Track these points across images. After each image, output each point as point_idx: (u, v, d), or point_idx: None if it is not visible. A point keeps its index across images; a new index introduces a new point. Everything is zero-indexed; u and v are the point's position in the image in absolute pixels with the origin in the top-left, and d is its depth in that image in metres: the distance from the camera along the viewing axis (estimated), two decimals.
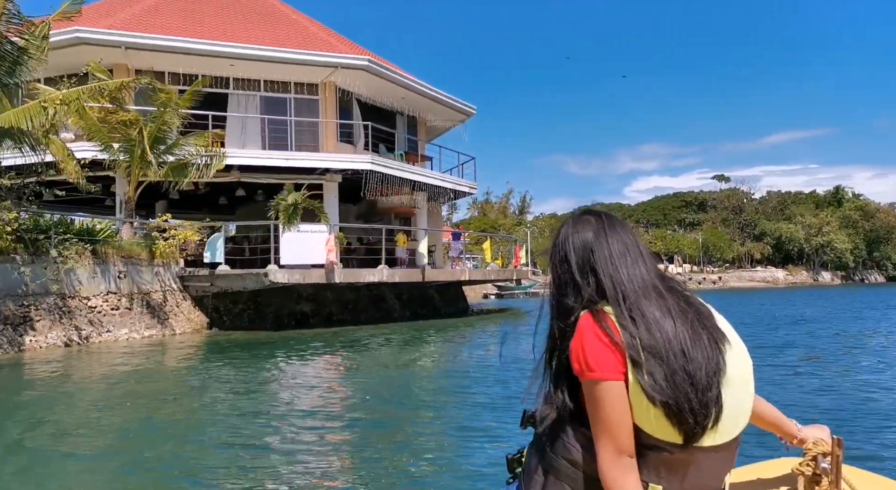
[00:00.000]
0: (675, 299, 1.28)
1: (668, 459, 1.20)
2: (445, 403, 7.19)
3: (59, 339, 12.27)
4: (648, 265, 1.32)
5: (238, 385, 8.33)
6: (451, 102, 25.33)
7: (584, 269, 1.32)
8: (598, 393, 1.19)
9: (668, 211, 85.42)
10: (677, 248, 73.27)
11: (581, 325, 1.25)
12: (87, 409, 6.85)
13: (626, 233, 1.36)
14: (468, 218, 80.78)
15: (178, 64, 19.56)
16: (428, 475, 4.39)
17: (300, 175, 19.97)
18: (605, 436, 1.19)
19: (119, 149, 15.32)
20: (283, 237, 16.11)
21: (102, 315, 13.47)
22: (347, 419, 6.25)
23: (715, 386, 1.20)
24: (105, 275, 13.78)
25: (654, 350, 1.19)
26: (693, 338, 1.22)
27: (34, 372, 9.69)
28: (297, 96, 21.75)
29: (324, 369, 10.29)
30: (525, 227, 69.42)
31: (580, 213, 1.43)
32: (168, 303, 15.28)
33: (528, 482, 1.35)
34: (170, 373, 9.77)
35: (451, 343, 14.19)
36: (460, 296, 25.61)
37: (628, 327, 1.22)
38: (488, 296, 46.67)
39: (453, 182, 25.31)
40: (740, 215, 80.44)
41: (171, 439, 5.52)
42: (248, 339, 14.21)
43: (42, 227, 12.62)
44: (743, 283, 69.98)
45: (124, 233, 15.33)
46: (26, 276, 11.98)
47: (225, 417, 6.30)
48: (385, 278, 17.92)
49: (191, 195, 23.47)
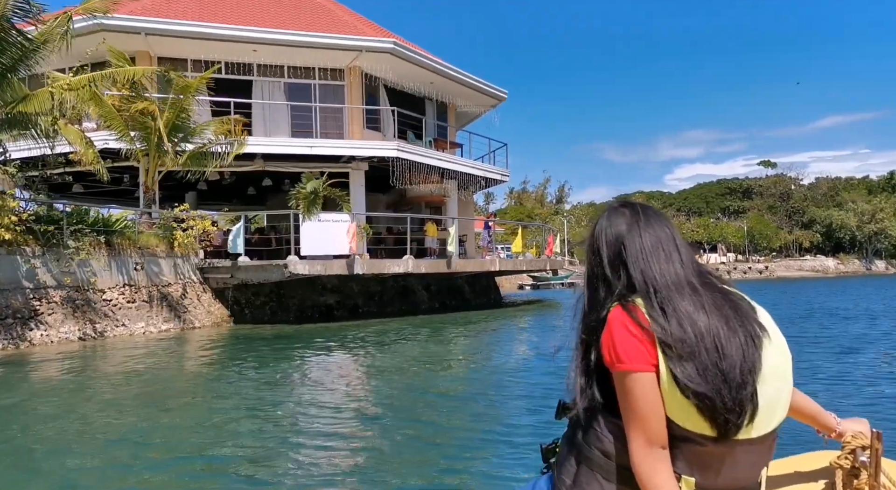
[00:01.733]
0: (711, 294, 1.26)
1: (702, 452, 1.19)
2: (475, 396, 6.81)
3: (73, 333, 11.90)
4: (685, 260, 1.31)
5: (257, 382, 7.86)
6: (481, 87, 24.41)
7: (615, 262, 1.32)
8: (629, 384, 1.19)
9: (711, 199, 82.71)
10: (721, 236, 70.85)
11: (612, 317, 1.25)
12: (98, 407, 6.42)
13: (661, 226, 1.34)
14: (504, 207, 79.83)
15: (199, 50, 19.09)
16: (459, 467, 4.19)
17: (325, 163, 19.39)
18: (637, 427, 1.18)
19: (136, 137, 14.89)
20: (304, 227, 15.50)
21: (118, 308, 13.09)
22: (372, 415, 5.91)
23: (750, 383, 1.18)
24: (121, 267, 13.38)
25: (686, 344, 1.18)
26: (728, 334, 1.20)
27: (43, 368, 9.28)
28: (322, 82, 21.13)
29: (347, 364, 9.70)
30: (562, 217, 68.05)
31: (617, 204, 1.41)
32: (187, 295, 14.85)
33: (561, 472, 1.35)
34: (186, 368, 9.27)
35: (479, 336, 13.40)
36: (492, 286, 24.76)
37: (659, 320, 1.20)
38: (524, 286, 45.68)
39: (484, 169, 24.42)
40: (788, 202, 77.29)
41: (184, 439, 5.17)
42: (269, 333, 13.68)
43: (53, 217, 12.22)
44: (791, 272, 67.25)
45: (143, 224, 14.93)
46: (37, 269, 11.62)
47: (243, 417, 5.87)
48: (411, 269, 17.20)
49: (219, 186, 23.22)
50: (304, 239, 15.44)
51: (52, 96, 11.53)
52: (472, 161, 24.58)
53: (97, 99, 13.62)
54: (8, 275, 11.26)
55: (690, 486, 1.20)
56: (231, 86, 19.49)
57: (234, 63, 19.96)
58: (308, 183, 15.29)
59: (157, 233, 14.59)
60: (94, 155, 13.79)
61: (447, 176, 22.63)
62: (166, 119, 14.95)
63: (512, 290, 42.81)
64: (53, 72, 12.93)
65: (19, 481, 4.08)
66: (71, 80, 12.10)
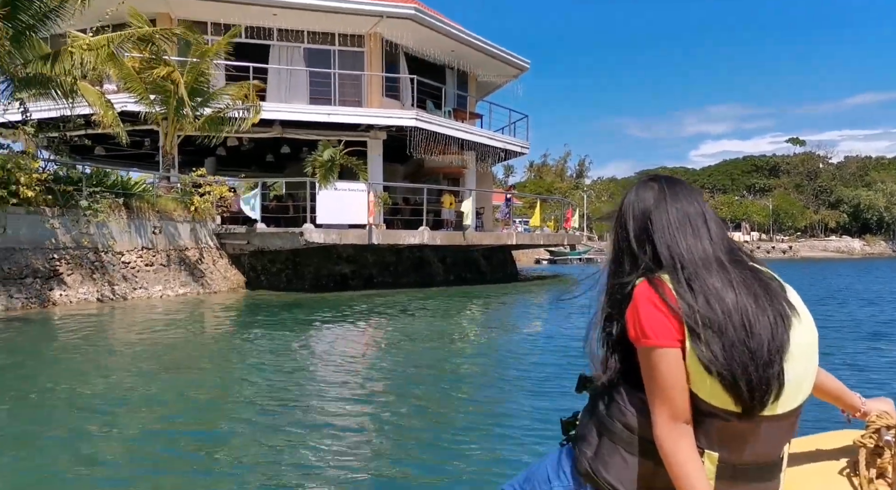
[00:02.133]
0: (740, 271, 1.24)
1: (726, 427, 1.19)
2: (488, 370, 6.80)
3: (91, 295, 12.08)
4: (713, 236, 1.29)
5: (269, 350, 7.89)
6: (503, 56, 23.98)
7: (641, 237, 1.32)
8: (654, 359, 1.20)
9: (737, 176, 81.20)
10: (745, 214, 69.75)
11: (637, 292, 1.24)
12: (113, 369, 6.49)
13: (690, 201, 1.33)
14: (524, 181, 79.19)
15: (219, 13, 18.94)
16: (470, 444, 4.10)
17: (343, 131, 19.28)
18: (661, 402, 1.19)
19: (155, 100, 14.88)
20: (320, 195, 15.48)
21: (136, 271, 13.25)
22: (382, 389, 5.84)
23: (777, 362, 1.18)
24: (139, 230, 13.52)
25: (713, 321, 1.18)
26: (756, 311, 1.19)
27: (64, 327, 9.46)
28: (342, 48, 20.90)
29: (360, 335, 9.76)
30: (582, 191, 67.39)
31: (646, 178, 1.40)
32: (204, 260, 14.99)
33: (581, 445, 1.35)
34: (202, 333, 9.37)
35: (492, 310, 13.39)
36: (508, 260, 24.67)
37: (685, 296, 1.20)
38: (540, 261, 45.49)
39: (504, 141, 24.13)
40: (815, 181, 75.60)
41: (197, 404, 5.21)
42: (284, 300, 13.79)
43: (72, 178, 12.32)
44: (815, 252, 66.14)
45: (161, 188, 15.02)
46: (56, 229, 11.76)
47: (253, 386, 5.85)
48: (426, 240, 17.16)
49: (238, 152, 23.25)
50: (320, 207, 15.44)
51: (71, 56, 11.51)
52: (491, 132, 24.28)
53: (116, 60, 13.59)
54: (28, 234, 11.42)
55: (714, 460, 1.21)
56: (250, 50, 19.35)
57: (254, 27, 19.78)
58: (324, 151, 15.22)
59: (175, 197, 14.67)
60: (114, 117, 13.83)
61: (466, 147, 22.40)
62: (186, 82, 14.90)
63: (529, 264, 42.66)
64: (74, 31, 12.88)
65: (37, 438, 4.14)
66: (90, 39, 12.06)
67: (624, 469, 1.27)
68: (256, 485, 3.38)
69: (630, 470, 1.26)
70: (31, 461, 3.70)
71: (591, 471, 1.31)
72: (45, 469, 3.58)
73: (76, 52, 11.55)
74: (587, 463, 1.31)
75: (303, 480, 3.47)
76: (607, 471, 1.28)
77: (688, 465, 1.17)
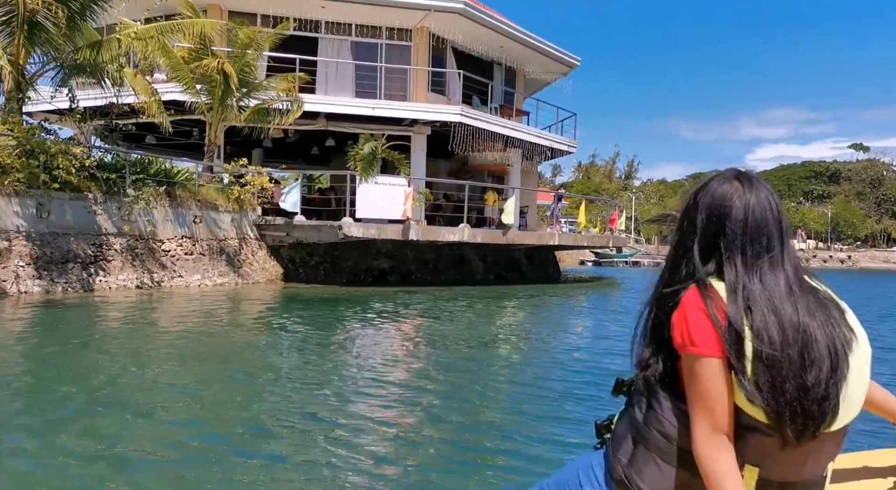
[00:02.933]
0: (804, 294, 1.18)
1: (769, 443, 1.15)
2: (523, 371, 6.66)
3: (131, 281, 12.19)
4: (787, 255, 1.22)
5: (304, 344, 7.77)
6: (553, 53, 23.43)
7: (709, 243, 1.23)
8: (698, 368, 1.15)
9: (794, 181, 78.25)
10: (801, 221, 67.11)
11: (686, 298, 1.19)
12: (145, 357, 6.43)
13: (773, 209, 1.24)
14: (572, 180, 78.15)
15: (269, 5, 18.99)
16: (505, 445, 3.98)
17: (387, 125, 19.11)
18: (702, 412, 1.15)
19: (201, 90, 14.97)
20: (359, 189, 15.32)
21: (176, 259, 13.33)
22: (416, 390, 5.60)
23: (834, 395, 1.13)
24: (180, 219, 13.60)
25: (765, 354, 1.11)
26: (818, 342, 1.13)
27: (101, 312, 9.51)
28: (389, 42, 20.74)
29: (396, 333, 9.52)
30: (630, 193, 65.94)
31: (727, 173, 1.28)
32: (243, 251, 15.02)
33: (616, 450, 1.31)
34: (237, 324, 9.26)
35: (531, 311, 12.97)
36: (551, 261, 24.13)
37: (737, 319, 1.13)
38: (585, 262, 44.67)
39: (550, 139, 23.58)
40: (878, 189, 72.18)
41: (228, 398, 5.06)
42: (321, 294, 13.68)
43: (116, 165, 12.44)
44: (876, 263, 63.05)
45: (204, 178, 15.10)
46: (98, 216, 11.89)
47: (285, 383, 5.71)
48: (466, 238, 16.82)
49: (284, 144, 23.40)
50: (360, 201, 15.28)
51: (119, 44, 11.60)
52: (538, 130, 23.77)
53: (165, 49, 13.69)
54: (72, 220, 11.58)
55: (753, 475, 1.17)
56: (298, 42, 19.36)
57: (302, 19, 19.79)
58: (365, 144, 15.04)
59: (217, 187, 14.73)
60: (158, 105, 13.93)
61: (511, 144, 21.98)
62: (232, 72, 14.93)
63: (573, 265, 41.94)
64: (123, 19, 13.03)
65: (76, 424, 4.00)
66: (139, 28, 12.14)
67: (659, 478, 1.23)
68: (288, 485, 3.21)
69: (665, 480, 1.22)
70: (51, 454, 3.55)
71: (625, 478, 1.26)
72: (63, 459, 3.44)
73: (124, 40, 11.62)
74: (622, 470, 1.27)
75: (338, 481, 3.28)
76: (642, 479, 1.24)
77: (726, 479, 1.12)
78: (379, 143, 15.22)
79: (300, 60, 18.59)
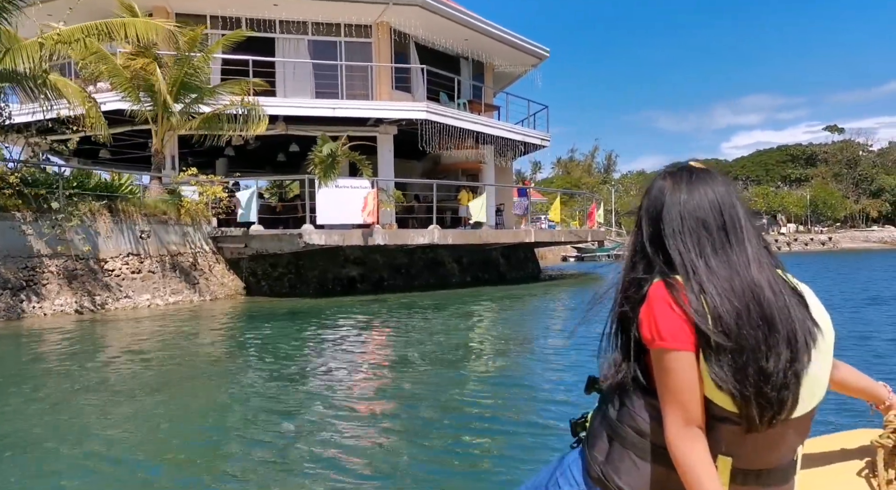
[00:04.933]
0: (761, 281, 1.17)
1: (739, 432, 1.15)
2: (495, 377, 6.40)
3: (69, 306, 11.19)
4: (734, 238, 1.21)
5: (265, 364, 7.08)
6: (520, 44, 22.70)
7: (654, 240, 1.25)
8: (668, 362, 1.15)
9: (771, 166, 78.36)
10: (781, 206, 67.12)
11: (652, 292, 1.19)
12: (89, 388, 5.72)
13: (708, 194, 1.23)
14: (551, 177, 77.66)
15: (219, 6, 18.05)
16: (482, 450, 4.05)
17: (351, 126, 18.19)
18: (674, 406, 1.15)
19: (143, 97, 13.97)
20: (319, 194, 14.40)
21: (121, 279, 12.33)
22: (393, 407, 5.27)
23: (793, 382, 1.13)
24: (125, 234, 12.59)
25: (726, 338, 1.11)
26: (776, 330, 1.13)
27: (35, 342, 8.53)
28: (349, 39, 19.83)
29: (366, 343, 8.79)
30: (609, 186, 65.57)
31: (665, 170, 1.31)
32: (198, 266, 14.04)
33: (592, 448, 1.30)
34: (188, 347, 8.32)
35: (504, 313, 12.16)
36: (530, 259, 23.36)
37: (697, 307, 1.14)
38: (568, 258, 43.99)
39: (522, 133, 22.82)
40: (855, 169, 72.43)
41: (183, 428, 4.62)
42: (286, 307, 12.76)
43: (45, 181, 11.41)
44: (856, 244, 63.21)
45: (152, 189, 14.10)
46: (28, 236, 10.88)
47: (247, 408, 5.18)
48: (436, 240, 15.98)
49: (249, 152, 22.40)
50: (320, 207, 14.36)
51: (41, 47, 10.60)
52: (509, 125, 22.99)
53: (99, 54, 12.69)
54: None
55: (727, 465, 1.16)
56: (253, 44, 18.39)
57: (256, 19, 18.84)
58: (323, 145, 14.12)
59: (165, 199, 13.73)
60: (97, 115, 12.93)
61: (483, 141, 21.18)
62: (174, 77, 13.96)
63: (555, 262, 41.28)
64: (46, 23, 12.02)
65: None
66: (62, 30, 11.14)
67: (636, 474, 1.21)
68: None
69: (642, 475, 1.21)
70: None
71: (602, 476, 1.25)
72: None
73: (47, 43, 10.62)
74: (598, 468, 1.26)
75: None
76: (619, 476, 1.23)
77: (700, 471, 1.11)
78: (338, 145, 14.30)
79: (257, 62, 17.67)
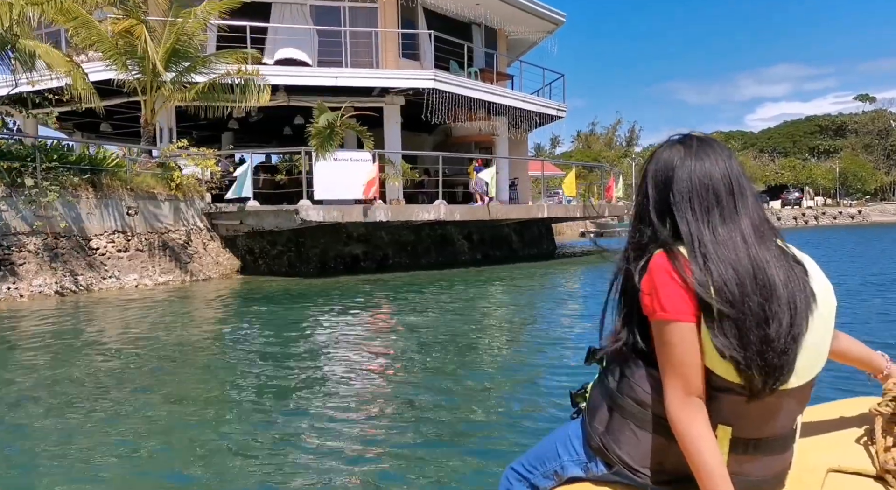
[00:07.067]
0: (765, 251, 1.20)
1: (740, 402, 1.16)
2: (498, 359, 6.15)
3: (49, 287, 10.58)
4: (741, 210, 1.22)
5: (260, 348, 6.58)
6: (535, 9, 21.49)
7: (661, 208, 1.25)
8: (668, 334, 1.16)
9: (799, 137, 75.83)
10: (808, 178, 64.96)
11: (654, 262, 1.20)
12: (45, 387, 5.11)
13: (718, 164, 1.23)
14: (571, 150, 75.98)
15: None
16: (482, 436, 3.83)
17: (356, 97, 17.28)
18: (674, 376, 1.16)
19: (130, 64, 13.18)
20: (317, 167, 13.58)
21: (107, 258, 11.70)
22: (392, 393, 4.96)
23: (793, 350, 1.14)
24: (110, 211, 11.93)
25: (729, 306, 1.12)
26: (778, 298, 1.14)
27: (9, 328, 7.92)
28: (352, 4, 18.81)
29: (368, 326, 8.13)
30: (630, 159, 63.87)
31: (671, 139, 1.30)
32: (192, 244, 13.37)
33: (592, 418, 1.32)
34: (176, 332, 7.64)
35: (514, 294, 11.34)
36: (544, 235, 22.42)
37: (701, 276, 1.15)
38: (586, 234, 42.89)
39: (537, 103, 21.71)
40: (886, 140, 69.77)
41: (169, 420, 4.22)
42: (284, 287, 12.07)
43: (19, 154, 10.72)
44: (887, 217, 60.95)
45: (142, 163, 13.39)
46: (4, 213, 10.24)
47: (240, 395, 4.84)
48: (442, 216, 15.12)
49: (255, 125, 21.64)
50: (318, 181, 13.55)
51: (10, 9, 9.84)
52: (523, 94, 21.89)
53: (81, 18, 11.91)
54: None
55: (727, 435, 1.17)
56: (250, 10, 17.46)
57: None
58: (320, 116, 13.25)
59: (155, 173, 13.02)
60: (84, 84, 12.20)
61: (495, 111, 20.15)
62: (166, 45, 13.14)
63: (573, 237, 40.28)
64: None
65: None
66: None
67: (635, 445, 1.23)
68: None
69: (641, 446, 1.23)
70: None
71: (602, 446, 1.27)
72: None
73: (16, 3, 9.85)
74: (599, 438, 1.28)
75: None
76: (619, 447, 1.24)
77: (701, 441, 1.12)
78: (337, 114, 13.41)
79: (256, 29, 16.76)
